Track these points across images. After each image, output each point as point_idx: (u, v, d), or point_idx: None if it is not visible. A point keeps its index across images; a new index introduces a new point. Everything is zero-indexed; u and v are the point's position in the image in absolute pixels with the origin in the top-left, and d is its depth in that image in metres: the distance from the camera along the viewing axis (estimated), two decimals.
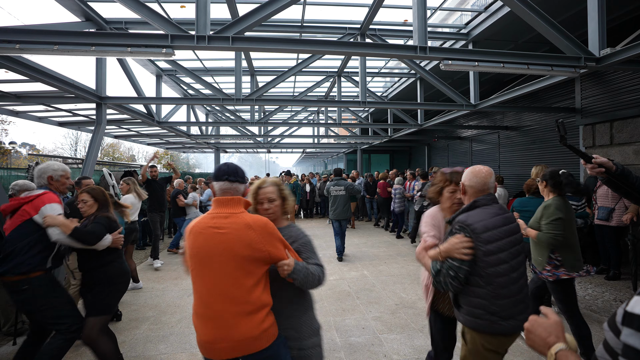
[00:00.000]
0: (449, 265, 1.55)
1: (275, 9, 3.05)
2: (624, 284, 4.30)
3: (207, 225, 1.41)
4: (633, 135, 4.90)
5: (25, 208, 2.22)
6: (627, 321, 0.69)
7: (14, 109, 6.23)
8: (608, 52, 3.24)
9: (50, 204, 2.28)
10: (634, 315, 0.68)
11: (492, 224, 1.56)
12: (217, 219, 1.41)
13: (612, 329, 0.76)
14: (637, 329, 0.66)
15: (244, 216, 1.42)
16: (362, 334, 3.10)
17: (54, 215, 2.23)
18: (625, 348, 0.69)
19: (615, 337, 0.74)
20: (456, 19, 6.93)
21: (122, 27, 4.85)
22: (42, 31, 2.75)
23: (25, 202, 2.27)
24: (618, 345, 0.72)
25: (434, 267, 1.63)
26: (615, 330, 0.74)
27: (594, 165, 1.62)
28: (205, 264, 1.38)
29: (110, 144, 31.17)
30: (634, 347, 0.66)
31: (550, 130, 6.80)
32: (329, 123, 9.46)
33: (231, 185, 1.47)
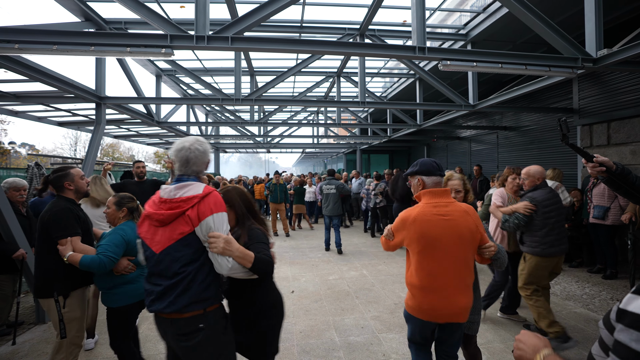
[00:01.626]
0: (517, 216, 2.80)
1: (274, 9, 3.07)
2: (621, 282, 4.32)
3: (433, 213, 1.69)
4: (630, 135, 4.92)
5: (190, 214, 1.43)
6: (619, 318, 0.71)
7: (13, 109, 6.23)
8: (605, 53, 3.26)
9: (220, 213, 1.47)
10: (626, 312, 0.69)
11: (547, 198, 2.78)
12: (439, 207, 1.71)
13: (607, 327, 0.77)
14: (627, 325, 0.68)
15: (459, 204, 1.76)
16: (361, 333, 3.12)
17: (229, 238, 1.44)
18: (615, 343, 0.70)
19: (609, 334, 0.75)
20: (455, 19, 6.95)
21: (122, 27, 4.86)
22: (42, 31, 2.76)
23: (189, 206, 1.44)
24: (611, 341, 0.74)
25: (503, 217, 2.91)
26: (609, 327, 0.76)
27: (595, 165, 1.62)
28: (435, 247, 1.66)
29: (109, 144, 31.14)
30: (622, 343, 0.68)
31: (548, 130, 6.82)
32: (329, 123, 9.48)
33: (441, 179, 1.80)
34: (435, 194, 1.75)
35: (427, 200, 1.75)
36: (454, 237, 1.66)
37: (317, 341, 2.96)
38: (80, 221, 2.13)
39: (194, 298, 1.41)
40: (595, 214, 4.49)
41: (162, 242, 1.43)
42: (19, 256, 3.05)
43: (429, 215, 1.69)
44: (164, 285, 1.42)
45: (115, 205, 2.19)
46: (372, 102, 6.79)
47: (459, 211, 1.71)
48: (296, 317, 3.50)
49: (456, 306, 1.67)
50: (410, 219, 1.72)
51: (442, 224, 1.67)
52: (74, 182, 2.19)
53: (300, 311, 3.63)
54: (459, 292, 1.68)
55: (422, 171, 1.79)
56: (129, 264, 2.12)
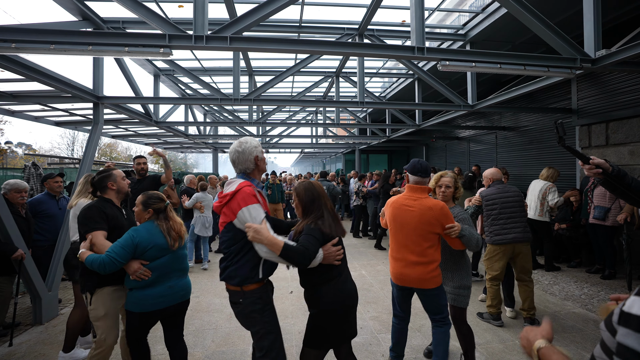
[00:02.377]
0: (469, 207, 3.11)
1: (273, 9, 3.06)
2: (619, 283, 4.33)
3: (402, 203, 2.22)
4: (628, 135, 4.94)
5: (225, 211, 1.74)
6: (623, 321, 0.69)
7: (10, 109, 6.19)
8: (603, 54, 3.27)
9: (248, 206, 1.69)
10: (630, 315, 0.68)
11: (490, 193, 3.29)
12: (409, 200, 2.20)
13: (609, 329, 0.76)
14: (634, 329, 0.67)
15: (428, 201, 2.16)
16: (360, 333, 3.11)
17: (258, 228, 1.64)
18: (619, 347, 0.69)
19: (612, 337, 0.74)
20: (454, 19, 6.96)
21: (120, 27, 4.84)
22: (39, 30, 2.74)
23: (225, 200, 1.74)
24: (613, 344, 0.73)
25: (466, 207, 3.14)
26: (611, 329, 0.75)
27: (592, 167, 1.63)
28: (399, 229, 2.22)
29: (107, 144, 31.03)
30: (630, 348, 0.66)
31: (547, 130, 6.84)
32: (327, 123, 9.46)
33: (422, 179, 2.21)
34: (411, 189, 2.24)
35: (405, 192, 2.27)
36: (413, 224, 2.16)
37: None
38: (107, 217, 2.10)
39: (232, 274, 1.72)
40: (595, 215, 4.50)
41: (220, 226, 1.81)
42: (17, 257, 3.03)
43: (398, 204, 2.25)
44: (221, 258, 1.81)
45: (142, 205, 2.11)
46: (371, 102, 6.78)
47: (424, 206, 2.15)
48: (295, 317, 3.49)
49: (412, 275, 2.18)
50: (389, 203, 2.33)
51: (406, 213, 2.19)
52: (116, 182, 2.28)
53: (299, 311, 3.62)
54: (414, 265, 2.17)
55: (409, 169, 2.25)
56: (139, 267, 1.95)
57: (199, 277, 4.92)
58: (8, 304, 3.23)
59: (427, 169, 2.19)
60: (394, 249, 2.28)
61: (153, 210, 2.11)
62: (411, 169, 2.22)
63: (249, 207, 1.68)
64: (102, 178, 2.24)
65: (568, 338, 2.96)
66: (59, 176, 3.81)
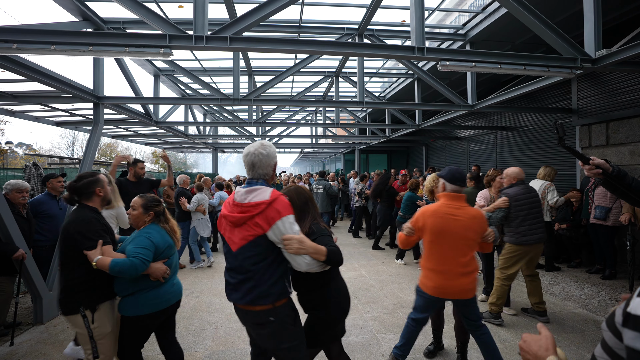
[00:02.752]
0: (498, 211, 3.21)
1: (273, 9, 3.06)
2: (620, 283, 4.33)
3: (445, 212, 2.15)
4: (629, 135, 4.94)
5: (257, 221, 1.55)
6: (631, 324, 0.67)
7: (10, 109, 6.19)
8: (604, 53, 3.27)
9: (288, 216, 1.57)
10: (637, 317, 0.66)
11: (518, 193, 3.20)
12: (452, 209, 2.16)
13: (611, 330, 0.75)
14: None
15: (470, 209, 2.18)
16: (360, 333, 3.11)
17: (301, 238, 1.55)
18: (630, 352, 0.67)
19: (614, 337, 0.74)
20: (453, 19, 6.96)
21: (120, 27, 4.84)
22: (40, 31, 2.74)
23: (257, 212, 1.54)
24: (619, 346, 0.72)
25: (487, 215, 3.19)
26: (614, 331, 0.74)
27: (592, 167, 1.63)
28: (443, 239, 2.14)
29: (107, 144, 31.05)
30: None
31: (547, 130, 6.84)
32: (327, 123, 9.47)
33: (460, 188, 2.20)
34: (453, 198, 2.19)
35: (444, 201, 2.20)
36: (460, 233, 2.12)
37: None
38: (108, 231, 2.01)
39: (263, 293, 1.55)
40: (596, 215, 4.49)
41: (237, 242, 1.58)
42: (18, 257, 3.04)
43: (442, 213, 2.15)
44: (238, 279, 1.59)
45: (143, 207, 2.07)
46: (370, 102, 6.78)
47: (469, 215, 2.15)
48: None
49: (456, 286, 2.14)
50: (428, 213, 2.19)
51: (453, 222, 2.13)
52: (104, 188, 2.06)
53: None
54: (459, 276, 2.14)
55: (447, 178, 2.21)
56: (166, 268, 2.00)
57: (199, 277, 4.92)
58: (9, 304, 3.24)
59: (465, 179, 2.23)
60: (436, 261, 2.18)
61: (154, 212, 2.11)
62: (450, 178, 2.19)
63: (288, 217, 1.54)
64: (89, 183, 2.01)
65: (568, 339, 2.96)
66: (61, 176, 3.83)
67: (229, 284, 1.65)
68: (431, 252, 2.20)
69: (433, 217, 2.16)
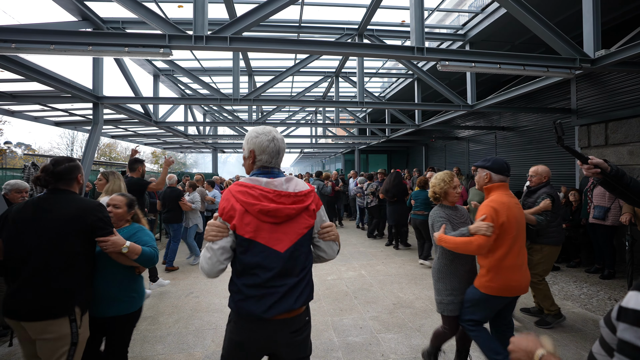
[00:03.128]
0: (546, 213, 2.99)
1: (273, 9, 3.06)
2: (619, 282, 4.34)
3: (514, 202, 2.06)
4: (627, 135, 4.95)
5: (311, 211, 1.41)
6: (622, 316, 0.70)
7: (9, 109, 6.19)
8: (603, 54, 3.28)
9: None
10: (628, 309, 0.69)
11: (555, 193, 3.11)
12: (513, 198, 2.08)
13: (608, 326, 0.77)
14: (631, 323, 0.68)
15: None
16: (359, 333, 3.11)
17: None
18: (620, 343, 0.69)
19: (611, 333, 0.75)
20: (453, 20, 6.97)
21: (119, 27, 4.84)
22: (39, 30, 2.74)
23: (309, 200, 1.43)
24: (614, 341, 0.73)
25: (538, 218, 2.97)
26: (610, 326, 0.76)
27: (590, 166, 1.64)
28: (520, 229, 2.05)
29: (107, 144, 30.99)
30: (628, 342, 0.67)
31: (546, 130, 6.85)
32: (327, 123, 9.48)
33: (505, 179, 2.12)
34: (506, 187, 2.11)
35: (503, 191, 2.09)
36: (523, 221, 2.08)
37: (315, 341, 2.96)
38: None
39: (310, 292, 1.38)
40: (595, 214, 4.50)
41: (286, 240, 1.32)
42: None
43: (512, 203, 2.04)
44: (290, 284, 1.31)
45: (127, 206, 2.09)
46: (370, 102, 6.79)
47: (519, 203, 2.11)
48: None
49: (528, 279, 2.07)
50: (505, 207, 2.00)
51: (519, 211, 2.06)
52: (82, 175, 1.88)
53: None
54: (527, 267, 2.09)
55: (493, 168, 2.10)
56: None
57: (199, 277, 4.92)
58: None
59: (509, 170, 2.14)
60: (515, 255, 2.01)
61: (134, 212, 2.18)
62: (498, 168, 2.09)
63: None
64: (72, 167, 1.79)
65: (567, 338, 2.97)
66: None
67: (271, 295, 1.29)
68: (512, 247, 2.00)
69: (510, 210, 2.00)
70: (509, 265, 1.99)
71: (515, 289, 2.01)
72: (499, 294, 1.99)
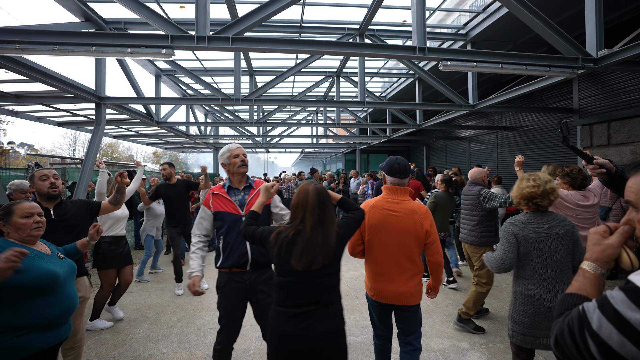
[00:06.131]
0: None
1: (274, 9, 3.07)
2: (620, 283, 4.32)
3: (383, 207, 1.89)
4: (630, 135, 4.93)
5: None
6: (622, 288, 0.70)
7: (13, 109, 6.23)
8: (605, 53, 3.27)
9: None
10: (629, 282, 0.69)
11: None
12: (391, 204, 1.90)
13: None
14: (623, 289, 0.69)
15: (411, 203, 1.91)
16: (361, 333, 3.12)
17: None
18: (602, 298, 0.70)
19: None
20: (454, 19, 6.96)
21: (122, 28, 4.86)
22: (42, 31, 2.76)
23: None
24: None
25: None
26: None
27: (595, 167, 1.64)
28: (380, 236, 1.87)
29: (108, 144, 31.09)
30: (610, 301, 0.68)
31: (548, 130, 6.83)
32: (328, 123, 9.48)
33: (401, 181, 1.93)
34: (392, 191, 1.94)
35: (384, 195, 1.97)
36: (398, 231, 1.86)
37: None
38: None
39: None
40: None
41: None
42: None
43: (380, 208, 1.90)
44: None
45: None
46: (371, 102, 6.79)
47: (407, 209, 1.89)
48: None
49: (395, 290, 1.88)
50: (366, 209, 1.91)
51: (389, 218, 1.87)
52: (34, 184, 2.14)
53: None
54: (398, 279, 1.88)
55: (386, 169, 1.96)
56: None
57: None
58: None
59: (406, 169, 1.96)
60: (372, 262, 2.03)
61: None
62: (388, 169, 1.95)
63: None
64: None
65: None
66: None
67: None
68: (369, 250, 2.00)
69: (369, 213, 1.95)
70: (367, 268, 1.99)
71: (374, 292, 1.94)
72: (367, 291, 2.01)
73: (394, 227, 1.86)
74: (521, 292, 1.83)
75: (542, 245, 1.79)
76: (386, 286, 1.89)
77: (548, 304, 1.75)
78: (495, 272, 1.90)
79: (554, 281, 1.77)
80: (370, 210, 1.90)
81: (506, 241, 1.84)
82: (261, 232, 1.58)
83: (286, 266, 1.45)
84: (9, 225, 1.57)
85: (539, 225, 1.82)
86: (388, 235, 1.86)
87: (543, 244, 1.79)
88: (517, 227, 1.85)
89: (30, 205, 1.63)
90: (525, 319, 1.79)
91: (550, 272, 1.78)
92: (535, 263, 1.80)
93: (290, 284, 1.45)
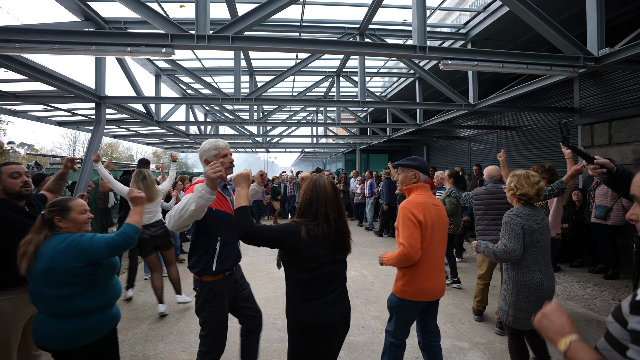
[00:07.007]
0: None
1: (274, 8, 3.05)
2: (622, 283, 4.32)
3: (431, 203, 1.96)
4: (631, 134, 4.92)
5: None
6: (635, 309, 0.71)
7: (13, 109, 6.22)
8: (607, 52, 3.25)
9: None
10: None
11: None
12: (432, 198, 1.99)
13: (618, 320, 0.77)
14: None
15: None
16: (361, 333, 3.11)
17: None
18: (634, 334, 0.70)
19: (621, 327, 0.75)
20: (455, 18, 6.95)
21: (122, 27, 4.85)
22: (42, 30, 2.75)
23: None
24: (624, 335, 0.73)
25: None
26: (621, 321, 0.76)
27: (596, 166, 1.63)
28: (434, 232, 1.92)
29: (108, 144, 31.08)
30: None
31: (548, 130, 6.82)
32: (328, 123, 9.46)
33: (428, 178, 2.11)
34: (427, 188, 2.05)
35: (422, 192, 2.01)
36: (443, 223, 1.99)
37: None
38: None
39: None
40: (597, 214, 4.48)
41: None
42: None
43: (429, 204, 1.95)
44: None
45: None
46: (371, 101, 6.77)
47: (439, 203, 2.05)
48: None
49: (442, 284, 2.01)
50: (420, 207, 1.91)
51: (438, 212, 1.97)
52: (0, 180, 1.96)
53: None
54: (442, 272, 2.01)
55: (421, 168, 2.05)
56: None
57: None
58: None
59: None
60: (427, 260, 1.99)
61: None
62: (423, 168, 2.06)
63: None
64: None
65: None
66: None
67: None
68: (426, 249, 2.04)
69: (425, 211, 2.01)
70: (422, 268, 1.91)
71: (428, 293, 1.94)
72: (414, 297, 1.94)
73: (442, 220, 1.99)
74: (524, 281, 1.94)
75: (541, 235, 1.97)
76: (437, 283, 1.96)
77: (546, 288, 1.94)
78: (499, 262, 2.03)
79: (547, 266, 1.98)
80: (423, 208, 1.90)
81: (514, 232, 1.93)
82: (278, 231, 1.46)
83: (326, 258, 1.52)
84: (66, 220, 1.64)
85: (536, 217, 1.99)
86: (439, 229, 1.95)
87: (541, 233, 1.97)
88: (522, 219, 1.95)
89: (83, 202, 1.75)
90: (528, 305, 1.91)
91: (545, 259, 1.98)
92: (535, 252, 1.95)
93: (326, 275, 1.52)
